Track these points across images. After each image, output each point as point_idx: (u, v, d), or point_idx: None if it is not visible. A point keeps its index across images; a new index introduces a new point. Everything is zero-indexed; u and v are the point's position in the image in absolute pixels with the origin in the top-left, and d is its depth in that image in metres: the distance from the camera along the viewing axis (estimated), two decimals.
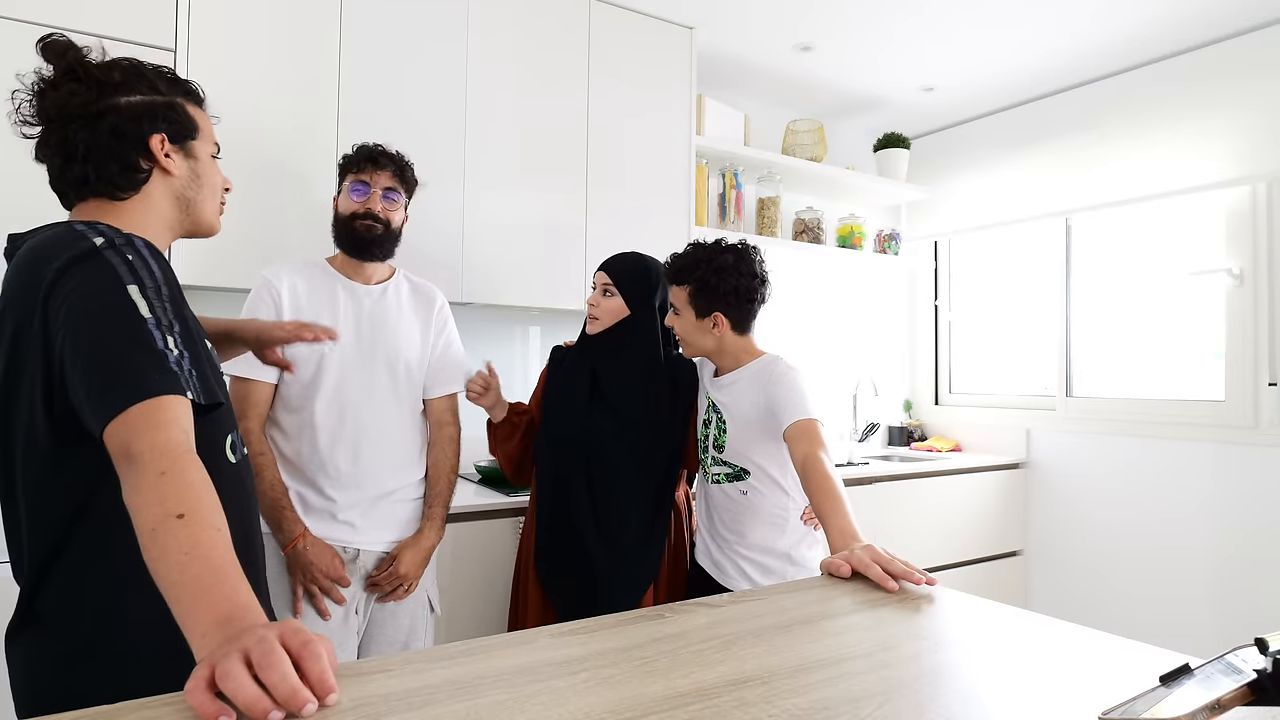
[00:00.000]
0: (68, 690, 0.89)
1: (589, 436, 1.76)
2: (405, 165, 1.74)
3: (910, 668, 0.75)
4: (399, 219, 1.73)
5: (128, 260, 0.88)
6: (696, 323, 1.69)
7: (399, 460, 1.72)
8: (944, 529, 3.18)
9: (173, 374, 0.83)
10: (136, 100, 0.99)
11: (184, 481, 0.78)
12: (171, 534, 0.74)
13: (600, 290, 1.80)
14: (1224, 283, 2.86)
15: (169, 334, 0.85)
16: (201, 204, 1.06)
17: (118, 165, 0.98)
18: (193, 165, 1.05)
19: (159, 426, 0.80)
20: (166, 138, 1.01)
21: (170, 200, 1.03)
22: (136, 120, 0.99)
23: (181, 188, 1.04)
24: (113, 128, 0.97)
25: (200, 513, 0.76)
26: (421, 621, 1.77)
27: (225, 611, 0.69)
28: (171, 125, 1.02)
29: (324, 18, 2.16)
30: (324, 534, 1.64)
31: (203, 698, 0.61)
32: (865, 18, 2.75)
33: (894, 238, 3.68)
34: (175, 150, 1.02)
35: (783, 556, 1.68)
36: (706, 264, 1.66)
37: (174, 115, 1.03)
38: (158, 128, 1.00)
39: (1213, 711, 0.58)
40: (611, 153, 2.64)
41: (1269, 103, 2.72)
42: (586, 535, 1.73)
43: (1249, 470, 2.77)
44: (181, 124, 1.03)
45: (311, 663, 0.64)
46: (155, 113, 1.00)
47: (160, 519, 0.75)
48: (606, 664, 0.75)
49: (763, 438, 1.64)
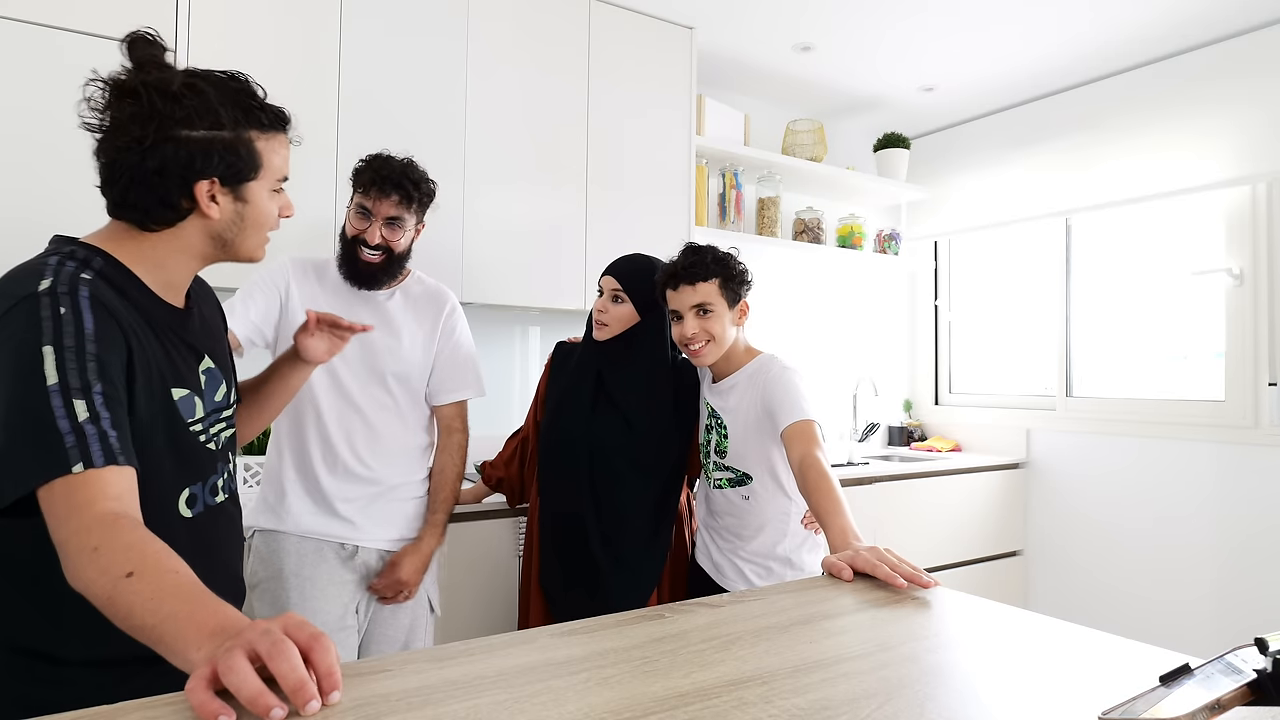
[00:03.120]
0: None
1: (592, 441, 1.73)
2: (414, 189, 1.63)
3: (910, 668, 0.75)
4: (404, 243, 1.68)
5: (57, 314, 0.83)
6: (730, 315, 1.65)
7: (399, 459, 1.71)
8: (944, 529, 3.18)
9: (66, 450, 0.78)
10: (196, 136, 0.91)
11: (121, 545, 0.75)
12: (130, 592, 0.72)
13: (609, 296, 1.74)
14: (1224, 283, 2.86)
15: (80, 398, 0.81)
16: (241, 243, 1.00)
17: (156, 200, 0.92)
18: (240, 208, 0.97)
19: (75, 510, 0.77)
20: (219, 180, 0.94)
21: (204, 238, 0.97)
22: (188, 161, 0.91)
23: (220, 229, 0.97)
24: (160, 165, 0.90)
25: (149, 563, 0.74)
26: (422, 622, 1.76)
27: (216, 624, 0.68)
28: (229, 168, 0.94)
29: (324, 18, 2.16)
30: (323, 529, 1.64)
31: (204, 696, 0.60)
32: (865, 18, 2.75)
33: (894, 238, 3.68)
34: (225, 193, 0.95)
35: (783, 560, 1.67)
36: (713, 255, 1.64)
37: (234, 157, 0.94)
38: (210, 171, 0.93)
39: (1213, 711, 0.58)
40: (611, 152, 2.64)
41: (1269, 102, 2.72)
42: (591, 542, 1.70)
43: (1249, 470, 2.77)
44: (241, 164, 0.95)
45: (321, 654, 0.64)
46: (211, 153, 0.92)
47: (112, 585, 0.73)
48: (606, 664, 0.75)
49: (764, 441, 1.63)
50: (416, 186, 1.64)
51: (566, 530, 1.73)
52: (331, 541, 1.65)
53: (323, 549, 1.64)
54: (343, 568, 1.65)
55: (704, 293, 1.62)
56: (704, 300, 1.62)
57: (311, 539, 1.64)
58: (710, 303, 1.62)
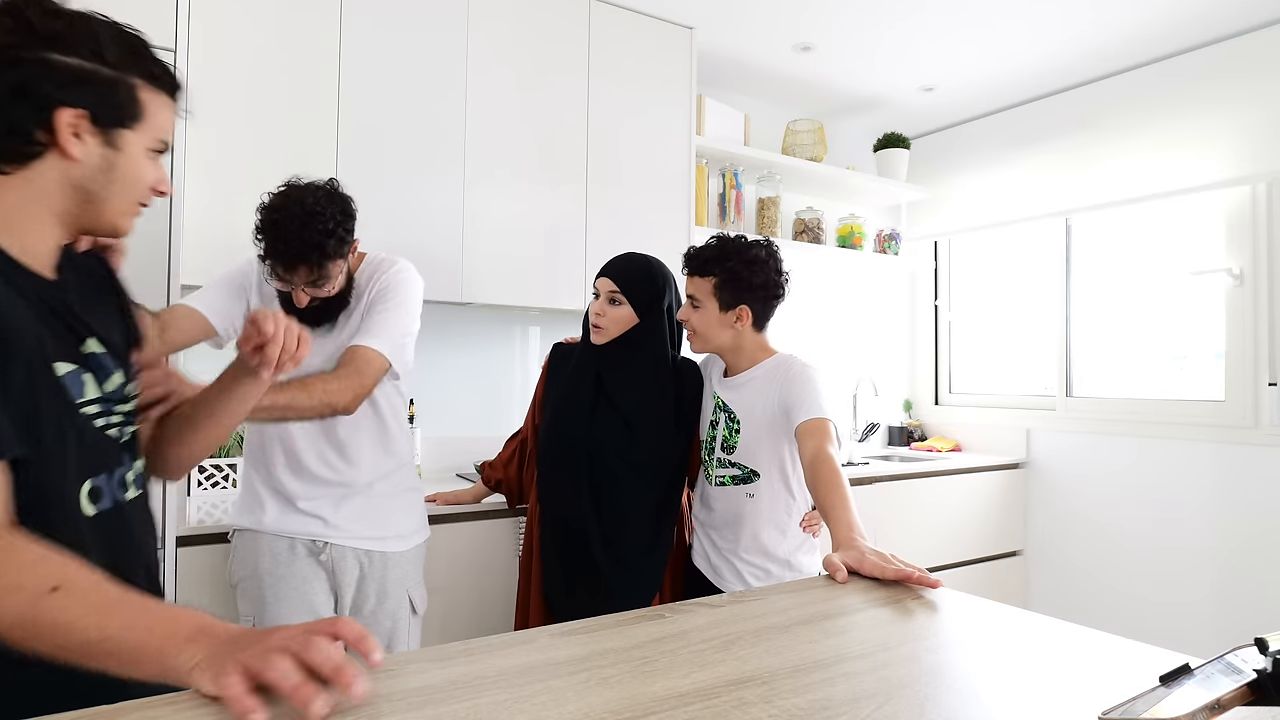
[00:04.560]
0: None
1: (592, 444, 1.71)
2: (318, 253, 1.45)
3: (910, 668, 0.75)
4: (337, 286, 1.55)
5: None
6: (719, 315, 1.66)
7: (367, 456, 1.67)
8: (944, 529, 3.18)
9: None
10: (70, 62, 0.80)
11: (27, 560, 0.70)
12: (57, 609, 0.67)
13: (606, 299, 1.70)
14: (1224, 283, 2.86)
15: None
16: (106, 200, 0.86)
17: (4, 127, 0.79)
18: (110, 155, 0.84)
19: None
20: (89, 115, 0.81)
21: (64, 187, 0.83)
22: (52, 84, 0.79)
23: (83, 177, 0.83)
24: (17, 83, 0.78)
25: (70, 574, 0.69)
26: (403, 624, 1.72)
27: (193, 627, 0.67)
28: (103, 104, 0.82)
29: (324, 17, 2.16)
30: (287, 526, 1.62)
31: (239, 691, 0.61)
32: (865, 18, 2.74)
33: (894, 238, 3.68)
34: (94, 133, 0.82)
35: (782, 562, 1.67)
36: (738, 255, 1.64)
37: (111, 94, 0.83)
38: (78, 100, 0.80)
39: (1213, 711, 0.58)
40: (611, 152, 2.64)
41: (1269, 102, 2.72)
42: (592, 545, 1.69)
43: (1249, 470, 2.77)
44: (119, 106, 0.83)
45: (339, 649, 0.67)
46: (85, 84, 0.81)
47: (32, 603, 0.67)
48: (606, 664, 0.75)
49: (778, 437, 1.63)
50: (321, 249, 1.45)
51: (567, 534, 1.72)
52: (303, 539, 1.64)
53: (295, 546, 1.64)
54: (317, 566, 1.64)
55: (696, 285, 1.68)
56: (694, 293, 1.68)
57: (284, 537, 1.64)
58: (699, 298, 1.67)
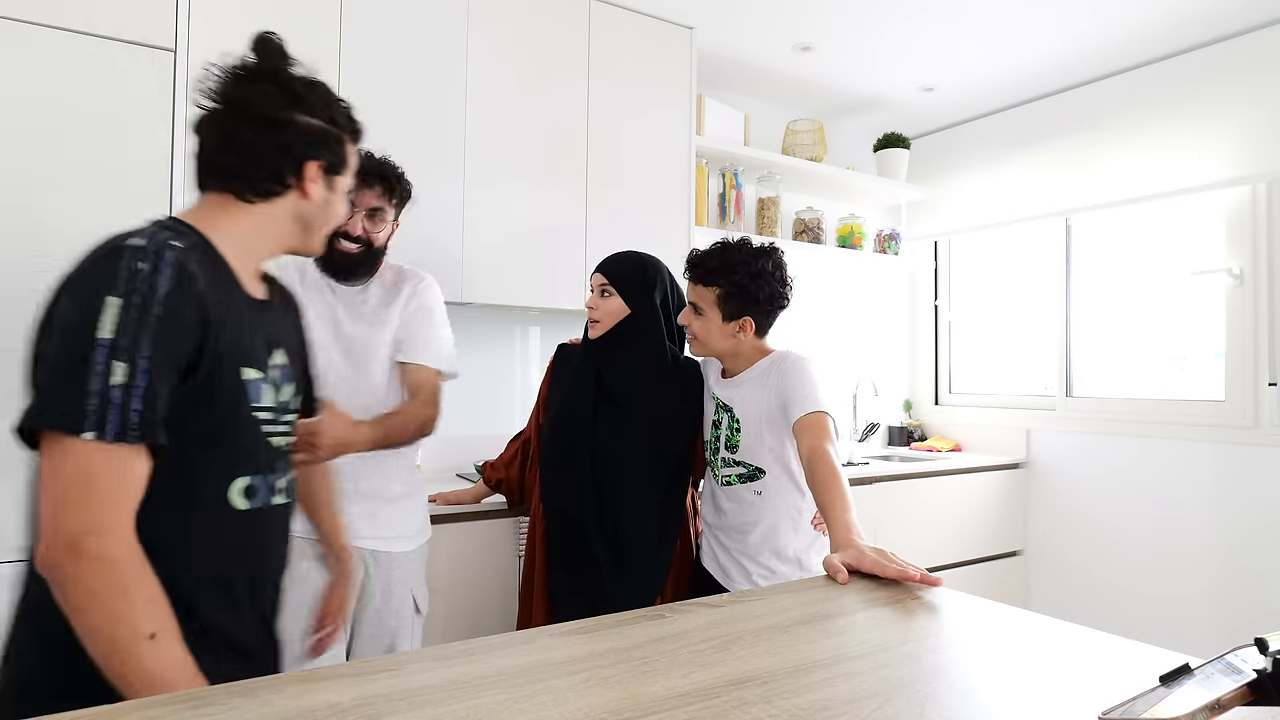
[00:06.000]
0: None
1: (595, 444, 1.72)
2: (395, 180, 1.66)
3: (910, 668, 0.75)
4: (384, 236, 1.67)
5: (134, 268, 0.84)
6: (722, 325, 1.65)
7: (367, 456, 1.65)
8: (944, 529, 3.18)
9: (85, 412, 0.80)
10: (314, 124, 1.03)
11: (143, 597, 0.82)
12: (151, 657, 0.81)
13: (598, 292, 1.76)
14: (1224, 283, 2.86)
15: (123, 359, 0.82)
16: (319, 230, 1.08)
17: (268, 172, 1.00)
18: (328, 197, 1.07)
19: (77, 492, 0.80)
20: (323, 165, 1.04)
21: (292, 219, 1.04)
22: (305, 141, 1.02)
23: (308, 212, 1.05)
24: (283, 140, 1.00)
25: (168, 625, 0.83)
26: (407, 623, 1.73)
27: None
28: (333, 157, 1.06)
29: (324, 18, 2.16)
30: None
31: None
32: (865, 18, 2.75)
33: (894, 238, 3.68)
34: (324, 180, 1.05)
35: (792, 561, 1.66)
36: (744, 268, 1.62)
37: (338, 149, 1.06)
38: (320, 155, 1.03)
39: (1213, 711, 0.58)
40: (611, 152, 2.64)
41: (1269, 102, 2.72)
42: (595, 546, 1.69)
43: (1249, 470, 2.77)
44: (340, 159, 1.07)
45: None
46: (325, 141, 1.04)
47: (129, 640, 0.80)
48: (606, 664, 0.75)
49: (778, 432, 1.62)
50: (398, 179, 1.67)
51: (570, 534, 1.72)
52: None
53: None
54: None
55: (699, 293, 1.67)
56: (696, 300, 1.68)
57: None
58: (701, 305, 1.67)
